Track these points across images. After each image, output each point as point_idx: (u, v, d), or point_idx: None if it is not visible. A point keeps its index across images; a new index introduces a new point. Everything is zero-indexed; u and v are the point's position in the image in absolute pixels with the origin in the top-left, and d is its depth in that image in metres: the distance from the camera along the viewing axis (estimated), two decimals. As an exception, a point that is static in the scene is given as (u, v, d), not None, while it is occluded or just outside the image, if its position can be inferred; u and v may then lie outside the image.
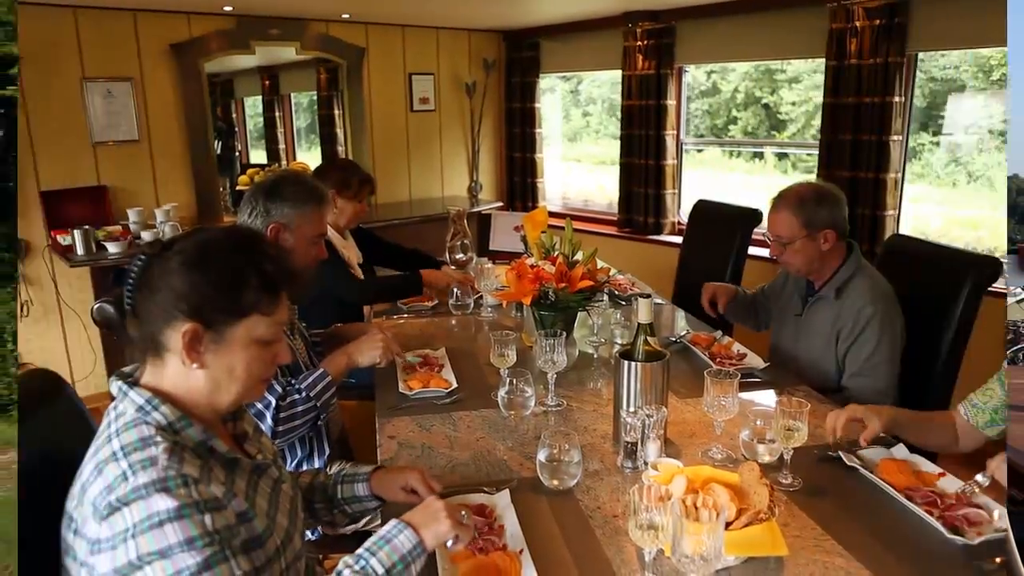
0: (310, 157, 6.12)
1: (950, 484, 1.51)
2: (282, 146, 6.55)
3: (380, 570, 1.11)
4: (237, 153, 6.68)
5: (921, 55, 3.69)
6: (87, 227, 3.72)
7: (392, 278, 3.13)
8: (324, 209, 2.00)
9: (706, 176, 5.14)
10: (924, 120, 3.96)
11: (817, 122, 4.02)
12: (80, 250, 3.68)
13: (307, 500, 1.48)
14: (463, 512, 1.26)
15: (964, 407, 1.75)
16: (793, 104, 4.83)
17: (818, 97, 3.99)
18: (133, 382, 1.13)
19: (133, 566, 0.96)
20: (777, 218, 2.20)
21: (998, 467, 1.43)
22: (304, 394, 1.84)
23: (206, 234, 1.16)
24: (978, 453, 1.71)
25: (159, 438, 1.04)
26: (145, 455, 1.02)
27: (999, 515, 1.39)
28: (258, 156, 6.29)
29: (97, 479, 1.02)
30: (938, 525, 1.36)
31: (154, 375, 1.14)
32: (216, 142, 5.11)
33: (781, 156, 4.93)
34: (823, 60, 3.84)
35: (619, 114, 5.02)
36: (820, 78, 3.93)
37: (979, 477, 1.43)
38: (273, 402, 1.77)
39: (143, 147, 4.27)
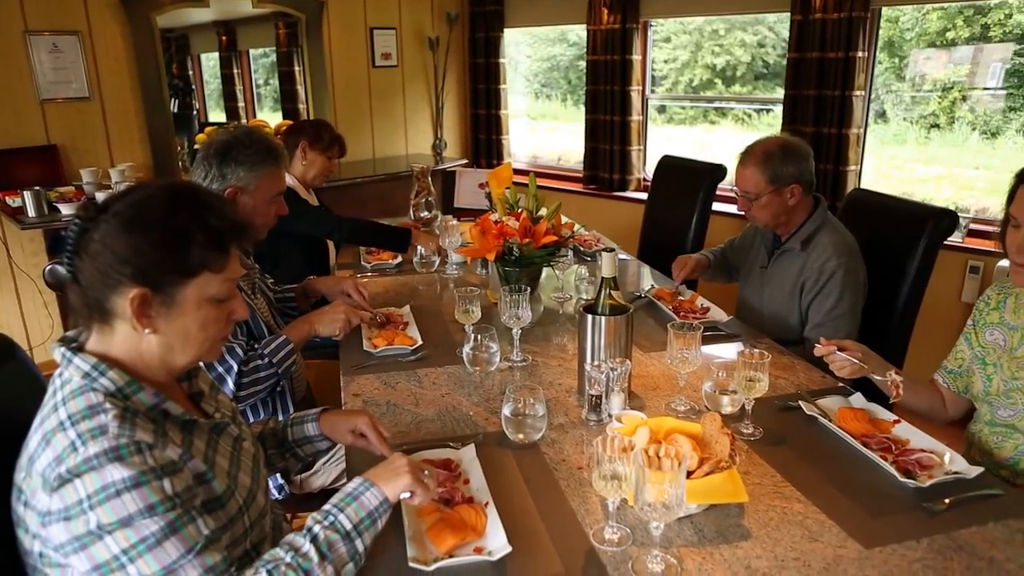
0: (270, 116, 5.98)
1: (904, 431, 1.55)
2: (241, 104, 6.38)
3: (348, 525, 1.11)
4: (195, 112, 6.49)
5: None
6: (38, 188, 3.59)
7: (379, 223, 3.06)
8: (281, 167, 1.96)
9: (671, 133, 5.14)
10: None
11: (686, 79, 3.98)
12: (31, 212, 3.56)
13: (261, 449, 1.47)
14: (426, 471, 1.27)
15: (941, 375, 1.79)
16: (665, 62, 4.92)
17: (684, 56, 3.97)
18: (78, 348, 1.09)
19: (94, 535, 0.95)
20: (744, 173, 2.21)
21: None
22: (267, 359, 1.83)
23: (142, 192, 1.10)
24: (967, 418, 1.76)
25: (108, 405, 1.01)
26: (94, 423, 0.99)
27: (949, 458, 1.43)
28: (217, 115, 6.13)
29: (45, 450, 0.99)
30: (892, 470, 1.40)
31: (102, 341, 1.10)
32: (172, 100, 4.95)
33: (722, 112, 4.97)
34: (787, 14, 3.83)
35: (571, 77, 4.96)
36: (688, 38, 3.91)
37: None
38: (235, 366, 1.75)
39: (94, 105, 4.12)
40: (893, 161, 4.09)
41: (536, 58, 5.61)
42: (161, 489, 0.98)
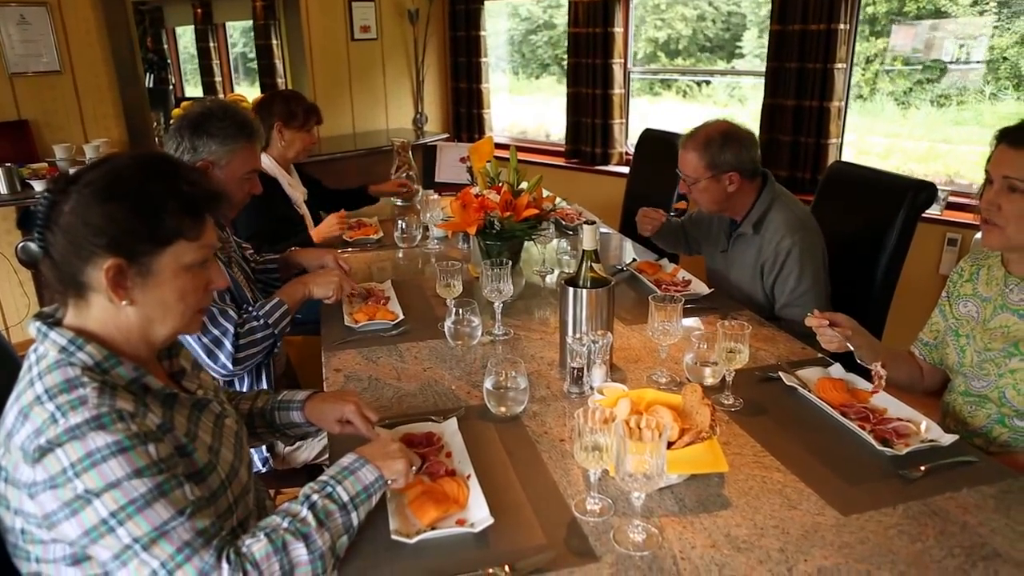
0: (248, 90, 5.89)
1: (882, 400, 1.56)
2: (218, 78, 6.28)
3: (345, 497, 1.12)
4: (170, 86, 6.38)
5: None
6: (9, 165, 3.53)
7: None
8: (255, 144, 1.92)
9: (652, 106, 5.12)
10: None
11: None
12: (3, 189, 3.50)
13: (250, 426, 1.46)
14: (418, 458, 1.28)
15: (917, 348, 1.81)
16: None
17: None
18: (54, 323, 1.08)
19: (82, 499, 0.94)
20: (684, 157, 2.22)
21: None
22: (263, 320, 1.82)
23: (114, 162, 1.08)
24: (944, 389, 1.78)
25: (86, 379, 1.00)
26: (73, 396, 0.98)
27: (925, 427, 1.45)
28: (193, 89, 6.03)
29: (24, 424, 0.98)
30: (869, 438, 1.41)
31: (78, 316, 1.08)
32: (147, 74, 4.86)
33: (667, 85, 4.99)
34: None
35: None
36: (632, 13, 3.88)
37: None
38: (231, 329, 1.74)
39: (66, 79, 4.03)
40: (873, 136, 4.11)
41: (491, 32, 5.58)
42: (147, 454, 0.97)
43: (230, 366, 1.74)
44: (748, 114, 4.52)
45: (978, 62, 3.59)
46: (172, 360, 1.26)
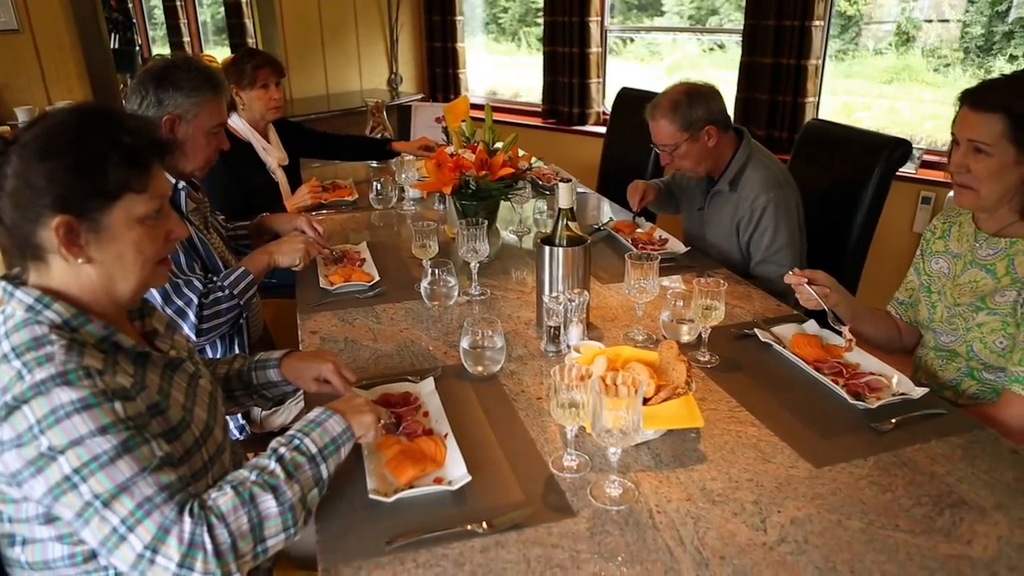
0: (219, 52, 5.75)
1: (855, 356, 1.58)
2: (187, 39, 6.12)
3: (313, 449, 1.10)
4: (137, 47, 6.20)
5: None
6: (-31, 127, 3.43)
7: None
8: (221, 97, 1.87)
9: (630, 66, 5.07)
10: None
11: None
12: (-36, 152, 3.40)
13: (227, 389, 1.45)
14: (386, 413, 1.27)
15: (893, 306, 1.83)
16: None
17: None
18: (20, 283, 1.06)
19: (46, 457, 0.93)
20: (656, 127, 2.19)
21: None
22: (228, 291, 1.80)
23: (51, 119, 1.04)
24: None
25: (53, 336, 0.98)
26: (40, 353, 0.96)
27: (897, 381, 1.47)
28: (161, 50, 5.88)
29: None
30: (842, 393, 1.43)
31: (41, 277, 1.06)
32: (112, 35, 4.73)
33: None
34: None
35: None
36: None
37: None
38: (195, 299, 1.72)
39: (25, 38, 3.90)
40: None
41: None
42: (113, 411, 0.96)
43: (194, 337, 1.73)
44: (663, 68, 4.56)
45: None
46: (144, 320, 1.24)
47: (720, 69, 4.46)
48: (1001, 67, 3.46)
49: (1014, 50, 3.41)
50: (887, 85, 3.96)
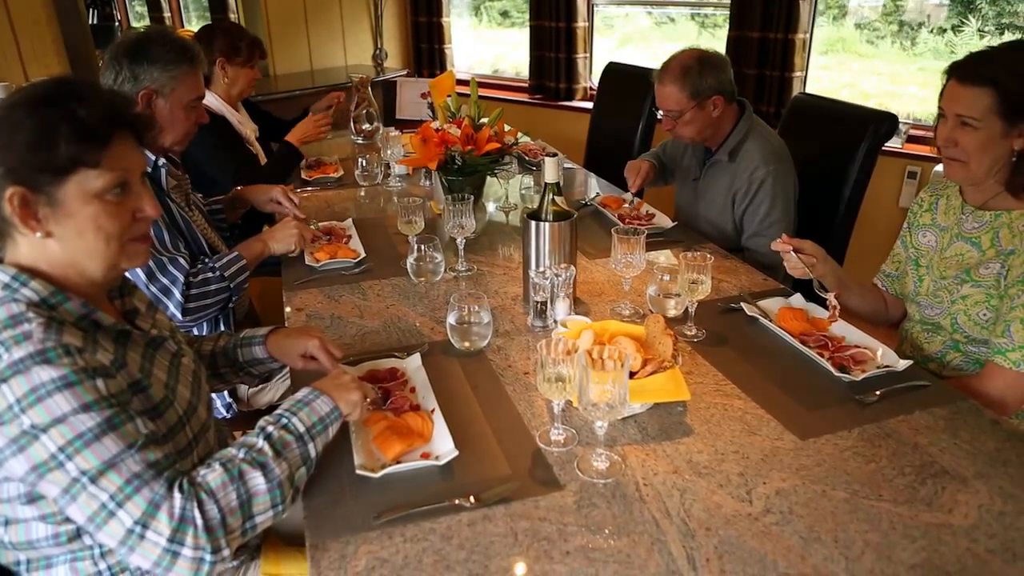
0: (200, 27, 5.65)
1: (840, 328, 1.59)
2: (167, 14, 6.00)
3: (301, 428, 1.10)
4: (116, 22, 6.08)
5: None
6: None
7: (269, 162, 2.87)
8: (198, 70, 1.83)
9: (505, 36, 5.01)
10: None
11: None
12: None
13: (213, 367, 1.45)
14: (373, 388, 1.27)
15: (880, 279, 1.83)
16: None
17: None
18: None
19: (28, 435, 0.92)
20: (663, 92, 2.17)
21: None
22: (218, 273, 1.77)
23: (15, 94, 1.04)
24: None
25: (31, 314, 0.97)
26: (17, 331, 0.95)
27: (881, 353, 1.48)
28: (140, 25, 5.76)
29: None
30: (827, 365, 1.44)
31: (13, 254, 1.05)
32: (90, 10, 4.63)
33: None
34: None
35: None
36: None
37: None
38: (181, 278, 1.70)
39: None
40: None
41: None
42: (95, 388, 0.95)
43: (179, 316, 1.70)
44: (615, 41, 4.47)
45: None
46: (124, 299, 1.23)
47: (670, 42, 4.43)
48: (924, 38, 3.47)
49: (943, 23, 3.43)
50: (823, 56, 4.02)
